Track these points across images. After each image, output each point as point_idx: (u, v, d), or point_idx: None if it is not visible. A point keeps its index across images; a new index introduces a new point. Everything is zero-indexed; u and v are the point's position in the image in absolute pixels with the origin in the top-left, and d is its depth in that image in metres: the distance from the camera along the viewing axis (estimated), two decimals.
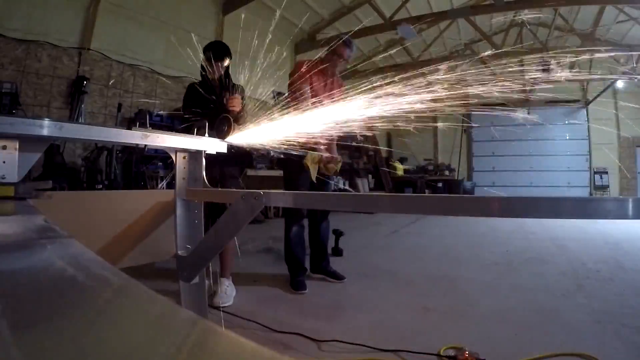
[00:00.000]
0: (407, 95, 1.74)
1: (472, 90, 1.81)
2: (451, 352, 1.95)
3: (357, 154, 13.26)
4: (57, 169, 5.08)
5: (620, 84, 12.21)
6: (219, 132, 1.88)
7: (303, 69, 3.18)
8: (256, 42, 2.47)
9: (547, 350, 1.94)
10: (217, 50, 2.82)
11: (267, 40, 2.46)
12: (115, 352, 0.28)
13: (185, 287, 1.82)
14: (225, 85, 2.83)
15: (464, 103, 1.79)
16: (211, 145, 1.80)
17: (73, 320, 0.34)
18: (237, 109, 2.62)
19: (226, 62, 2.85)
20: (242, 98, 2.75)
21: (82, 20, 6.06)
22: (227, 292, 2.83)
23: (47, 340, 0.29)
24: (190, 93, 2.97)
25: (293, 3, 9.06)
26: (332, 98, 3.38)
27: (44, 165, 4.99)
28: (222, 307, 2.67)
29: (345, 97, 1.91)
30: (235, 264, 3.17)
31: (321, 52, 3.29)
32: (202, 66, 2.90)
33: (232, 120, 1.89)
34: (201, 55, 2.87)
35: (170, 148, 1.70)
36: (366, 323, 2.42)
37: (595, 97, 13.18)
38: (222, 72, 2.86)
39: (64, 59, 5.81)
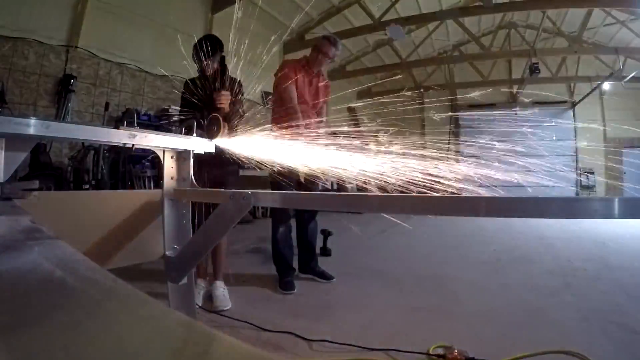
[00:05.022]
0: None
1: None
2: (440, 351, 1.97)
3: None
4: (44, 169, 5.00)
5: (606, 85, 12.36)
6: (209, 132, 1.86)
7: (287, 69, 3.18)
8: (245, 41, 2.43)
9: (535, 347, 1.96)
10: (207, 46, 2.69)
11: (256, 40, 2.43)
12: (104, 355, 0.28)
13: (174, 288, 1.80)
14: (222, 80, 2.71)
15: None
16: (199, 145, 1.79)
17: (61, 323, 0.34)
18: (224, 105, 2.53)
19: (217, 58, 2.74)
20: (240, 92, 2.68)
21: (70, 18, 5.98)
22: (225, 295, 2.77)
23: (35, 344, 0.29)
24: (186, 89, 2.88)
25: (282, 2, 9.02)
26: (318, 98, 3.38)
27: (30, 165, 4.92)
28: (223, 310, 2.62)
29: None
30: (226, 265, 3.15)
31: (306, 52, 3.27)
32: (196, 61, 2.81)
33: (221, 120, 1.86)
34: (192, 53, 2.78)
35: (157, 148, 1.69)
36: (355, 322, 2.42)
37: (582, 99, 13.33)
38: (216, 67, 2.75)
39: (51, 56, 5.73)
